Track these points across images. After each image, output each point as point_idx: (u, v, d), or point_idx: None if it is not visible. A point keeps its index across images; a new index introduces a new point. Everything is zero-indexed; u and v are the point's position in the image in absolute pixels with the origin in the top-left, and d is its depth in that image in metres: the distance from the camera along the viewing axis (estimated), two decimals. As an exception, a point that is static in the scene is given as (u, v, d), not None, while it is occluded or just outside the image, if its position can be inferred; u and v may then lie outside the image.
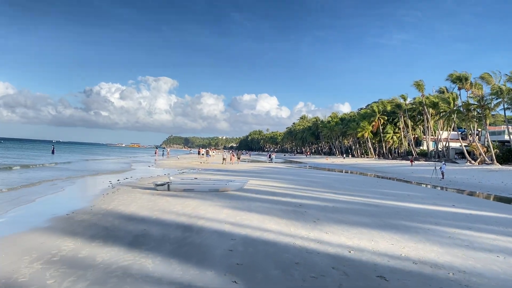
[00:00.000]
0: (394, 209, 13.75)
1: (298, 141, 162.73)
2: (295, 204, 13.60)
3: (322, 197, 16.34)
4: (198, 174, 27.09)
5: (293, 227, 9.64)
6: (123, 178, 22.44)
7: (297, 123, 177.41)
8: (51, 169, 29.72)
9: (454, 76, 71.02)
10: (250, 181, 21.89)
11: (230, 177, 23.80)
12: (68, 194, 15.27)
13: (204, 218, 10.30)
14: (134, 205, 12.18)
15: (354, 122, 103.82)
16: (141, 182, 19.66)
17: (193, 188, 16.32)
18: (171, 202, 13.08)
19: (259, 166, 46.61)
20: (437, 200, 17.53)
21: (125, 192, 15.60)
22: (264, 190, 17.88)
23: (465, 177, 37.35)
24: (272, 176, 27.71)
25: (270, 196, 15.63)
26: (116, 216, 10.25)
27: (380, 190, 21.38)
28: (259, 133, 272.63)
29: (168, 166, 38.95)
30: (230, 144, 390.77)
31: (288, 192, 17.41)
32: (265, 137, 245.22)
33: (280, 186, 20.32)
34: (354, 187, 22.04)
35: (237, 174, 28.20)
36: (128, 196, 14.34)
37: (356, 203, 14.91)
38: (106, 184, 18.69)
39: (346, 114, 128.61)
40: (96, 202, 12.65)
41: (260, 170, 36.20)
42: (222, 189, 16.57)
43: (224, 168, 37.88)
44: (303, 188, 19.57)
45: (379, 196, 18.02)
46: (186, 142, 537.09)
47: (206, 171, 31.74)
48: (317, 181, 25.07)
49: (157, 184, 16.33)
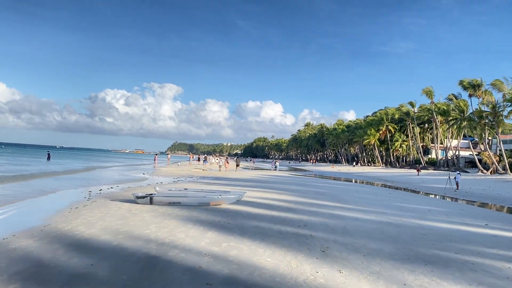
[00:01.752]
0: (418, 230, 11.31)
1: (303, 148, 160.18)
2: (299, 223, 11.20)
3: (330, 213, 13.93)
4: (193, 184, 24.74)
5: (295, 260, 7.25)
6: (108, 187, 20.16)
7: (302, 130, 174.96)
8: (30, 177, 27.49)
9: (466, 83, 68.72)
10: (250, 192, 19.54)
11: (228, 188, 21.45)
12: (27, 208, 12.84)
13: (179, 246, 7.92)
14: (100, 224, 9.84)
15: (361, 129, 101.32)
16: (124, 193, 17.32)
17: (180, 202, 13.97)
18: (146, 220, 10.72)
19: (262, 174, 44.21)
20: (465, 218, 15.03)
21: (99, 205, 13.28)
22: (263, 203, 15.49)
23: (481, 188, 34.81)
24: (274, 186, 25.30)
25: (269, 212, 13.24)
26: (66, 242, 7.91)
27: (395, 203, 18.91)
28: (264, 140, 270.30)
29: (165, 173, 36.60)
30: (234, 151, 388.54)
31: (291, 207, 15.00)
32: (270, 144, 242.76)
33: (282, 198, 17.90)
34: (366, 200, 19.57)
35: (237, 184, 25.84)
36: (100, 211, 12.01)
37: (371, 221, 12.48)
38: (83, 195, 16.38)
39: (352, 121, 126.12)
40: (55, 220, 10.32)
41: (262, 179, 33.80)
42: (214, 203, 14.19)
43: (224, 176, 35.52)
44: (308, 202, 17.14)
45: (396, 211, 15.57)
46: (190, 148, 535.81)
47: (203, 180, 29.40)
48: (323, 192, 22.63)
49: (138, 196, 14.00)
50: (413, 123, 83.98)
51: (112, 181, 25.31)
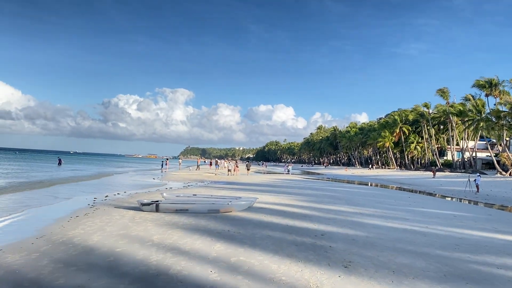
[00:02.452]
0: (448, 239, 10.24)
1: (316, 151, 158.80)
2: (316, 233, 10.22)
3: (349, 220, 12.90)
4: (203, 189, 23.89)
5: (314, 278, 6.29)
6: (115, 193, 19.39)
7: (314, 133, 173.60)
8: (37, 184, 26.96)
9: (482, 82, 67.04)
10: (262, 197, 18.61)
11: (239, 193, 20.55)
12: (25, 217, 11.99)
13: (182, 261, 7.00)
14: (98, 235, 9.00)
15: (375, 131, 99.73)
16: (130, 200, 16.51)
17: (188, 209, 13.08)
18: (149, 230, 9.85)
19: (275, 178, 43.20)
20: (495, 224, 13.87)
21: (102, 213, 12.47)
22: (276, 210, 14.53)
23: (502, 191, 33.37)
24: (287, 191, 24.32)
25: (283, 219, 12.27)
26: (55, 258, 7.07)
27: (417, 208, 17.77)
28: (276, 143, 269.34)
29: (176, 178, 35.83)
30: (247, 155, 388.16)
31: (307, 213, 14.02)
32: (282, 147, 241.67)
33: (296, 204, 16.92)
34: (385, 205, 18.47)
35: (248, 189, 24.92)
36: (101, 219, 11.18)
37: (395, 229, 11.43)
38: (87, 202, 15.60)
39: (366, 123, 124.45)
40: (50, 231, 9.51)
41: (275, 183, 32.83)
42: (224, 210, 13.28)
43: (236, 180, 34.61)
44: (324, 208, 16.13)
45: (419, 217, 14.47)
46: (203, 153, 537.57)
47: (214, 185, 28.54)
48: (339, 197, 21.57)
49: (143, 203, 13.16)
50: (428, 125, 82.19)
51: (120, 187, 24.60)
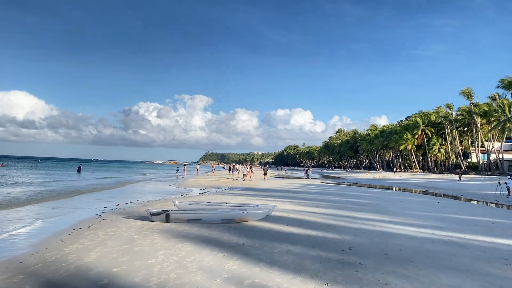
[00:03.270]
0: (494, 252, 8.92)
1: (336, 155, 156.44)
2: (342, 246, 9.05)
3: (378, 230, 11.66)
4: (219, 195, 22.88)
5: (345, 308, 5.16)
6: (127, 202, 18.54)
7: (334, 136, 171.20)
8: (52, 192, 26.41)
9: (507, 81, 64.63)
10: (281, 204, 17.49)
11: (256, 200, 19.47)
12: (27, 230, 11.14)
13: (189, 283, 5.96)
14: (96, 252, 8.02)
15: (396, 134, 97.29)
16: (142, 208, 15.58)
17: (201, 218, 12.06)
18: (155, 244, 8.84)
19: (294, 183, 41.97)
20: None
21: (108, 224, 11.54)
22: (296, 219, 13.38)
23: (536, 194, 31.41)
24: (308, 197, 23.12)
25: (304, 230, 11.12)
26: (44, 280, 6.10)
27: (449, 215, 16.35)
28: (294, 148, 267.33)
29: (192, 184, 34.96)
30: (265, 159, 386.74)
31: (330, 223, 12.82)
32: (301, 152, 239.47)
33: (318, 212, 15.72)
34: (414, 211, 17.10)
35: (266, 195, 23.82)
36: (105, 232, 10.24)
37: (431, 240, 10.15)
38: (96, 212, 14.76)
39: (387, 126, 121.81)
40: (46, 246, 8.60)
41: (294, 189, 31.61)
42: (239, 219, 12.19)
43: (253, 186, 33.54)
44: (348, 215, 14.90)
45: (454, 225, 13.11)
46: (222, 158, 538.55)
47: (231, 190, 27.53)
48: (364, 203, 20.24)
49: (152, 213, 12.19)
50: (451, 126, 79.65)
51: (134, 194, 23.83)
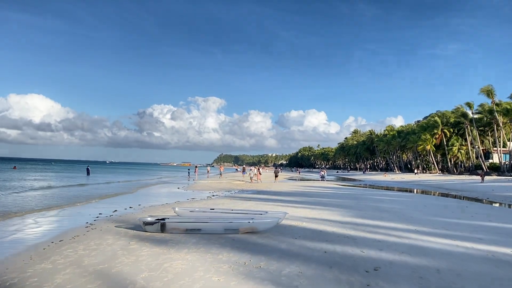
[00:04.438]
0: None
1: (352, 156, 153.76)
2: (366, 264, 7.45)
3: (405, 242, 10.00)
4: (227, 199, 21.40)
5: None
6: (126, 207, 17.18)
7: (349, 137, 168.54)
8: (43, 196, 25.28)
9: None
10: (293, 210, 15.93)
11: (267, 205, 17.93)
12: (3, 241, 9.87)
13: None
14: (69, 272, 6.58)
15: (414, 134, 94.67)
16: (140, 215, 14.18)
17: (200, 228, 10.57)
18: (141, 262, 7.36)
19: (308, 186, 40.28)
20: None
21: (94, 235, 10.14)
22: (310, 229, 11.79)
23: None
24: (323, 201, 21.47)
25: (319, 243, 9.55)
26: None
27: (484, 223, 14.54)
28: (309, 149, 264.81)
29: (202, 187, 33.56)
30: (280, 161, 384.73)
31: (349, 233, 11.19)
32: (315, 153, 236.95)
33: (335, 219, 14.09)
34: (443, 218, 15.32)
35: (278, 199, 22.26)
36: (87, 245, 8.84)
37: (471, 257, 8.47)
38: (87, 219, 13.40)
39: (404, 126, 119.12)
40: (13, 264, 7.22)
41: (308, 192, 29.95)
42: (244, 230, 10.64)
43: (265, 189, 31.99)
44: (369, 224, 13.24)
45: (493, 236, 11.35)
46: (236, 160, 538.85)
47: (241, 194, 26.04)
48: (385, 208, 18.50)
49: (146, 222, 10.74)
50: (472, 126, 76.90)
51: (139, 198, 22.51)
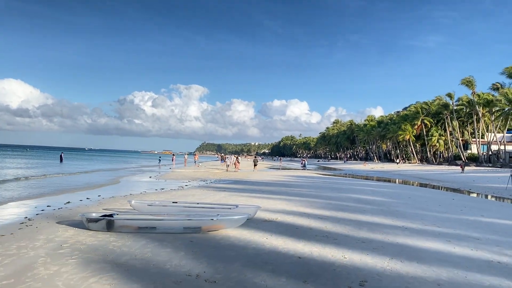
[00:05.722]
0: None
1: (332, 146, 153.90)
2: (349, 275, 5.92)
3: (394, 242, 8.55)
4: (200, 190, 19.74)
5: None
6: (82, 198, 15.33)
7: (330, 127, 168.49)
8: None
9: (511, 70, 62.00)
10: (269, 202, 14.45)
11: (241, 197, 16.37)
12: None
13: None
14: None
15: (394, 124, 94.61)
16: (94, 208, 12.41)
17: (156, 226, 8.91)
18: (61, 276, 5.65)
19: (289, 175, 38.89)
20: None
21: (24, 235, 8.36)
22: (285, 224, 10.25)
23: (550, 189, 28.58)
24: (302, 192, 20.02)
25: (293, 244, 8.00)
26: None
27: (476, 218, 13.25)
28: (291, 138, 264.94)
29: (176, 176, 31.73)
30: (262, 150, 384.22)
31: (328, 230, 9.69)
32: (297, 142, 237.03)
33: (313, 213, 12.57)
34: (432, 212, 13.98)
35: (255, 190, 20.71)
36: (8, 249, 7.08)
37: (471, 261, 7.07)
38: (29, 213, 11.55)
39: (384, 116, 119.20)
40: None
41: (288, 182, 28.49)
42: (207, 228, 9.02)
43: (243, 178, 30.43)
44: (352, 219, 11.76)
45: (492, 235, 10.00)
46: (219, 148, 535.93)
47: (216, 184, 24.42)
48: (368, 201, 17.13)
49: (89, 218, 9.02)
50: (452, 116, 76.83)
51: (99, 187, 20.63)
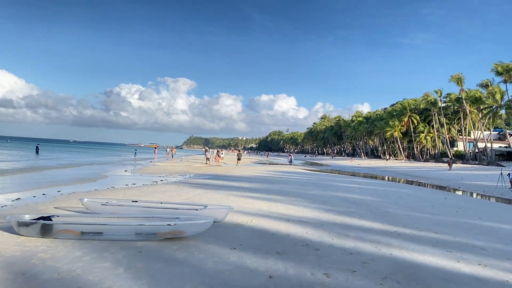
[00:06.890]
0: None
1: (320, 141, 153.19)
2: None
3: (387, 255, 7.17)
4: (175, 186, 18.18)
5: None
6: (37, 195, 13.67)
7: (318, 123, 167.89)
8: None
9: (500, 67, 61.33)
10: (247, 201, 13.03)
11: (216, 195, 14.90)
12: None
13: None
14: None
15: (381, 121, 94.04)
16: (43, 207, 10.81)
17: (102, 232, 7.37)
18: None
19: (274, 170, 37.55)
20: None
21: None
22: (259, 230, 8.79)
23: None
24: (285, 189, 18.60)
25: (264, 260, 6.55)
26: None
27: (474, 221, 11.96)
28: (279, 133, 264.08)
29: (153, 171, 30.00)
30: (250, 144, 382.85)
31: (309, 238, 8.25)
32: (285, 137, 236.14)
33: (293, 215, 11.12)
34: (425, 214, 12.66)
35: (234, 187, 19.25)
36: None
37: (479, 281, 5.75)
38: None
39: (372, 112, 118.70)
40: None
41: (271, 178, 27.07)
42: (163, 234, 7.45)
43: (225, 173, 28.95)
44: (336, 223, 10.36)
45: (496, 243, 8.71)
46: (206, 142, 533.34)
47: (195, 179, 22.91)
48: (355, 200, 15.77)
49: (21, 222, 7.42)
50: (440, 113, 76.38)
51: (64, 182, 18.95)
